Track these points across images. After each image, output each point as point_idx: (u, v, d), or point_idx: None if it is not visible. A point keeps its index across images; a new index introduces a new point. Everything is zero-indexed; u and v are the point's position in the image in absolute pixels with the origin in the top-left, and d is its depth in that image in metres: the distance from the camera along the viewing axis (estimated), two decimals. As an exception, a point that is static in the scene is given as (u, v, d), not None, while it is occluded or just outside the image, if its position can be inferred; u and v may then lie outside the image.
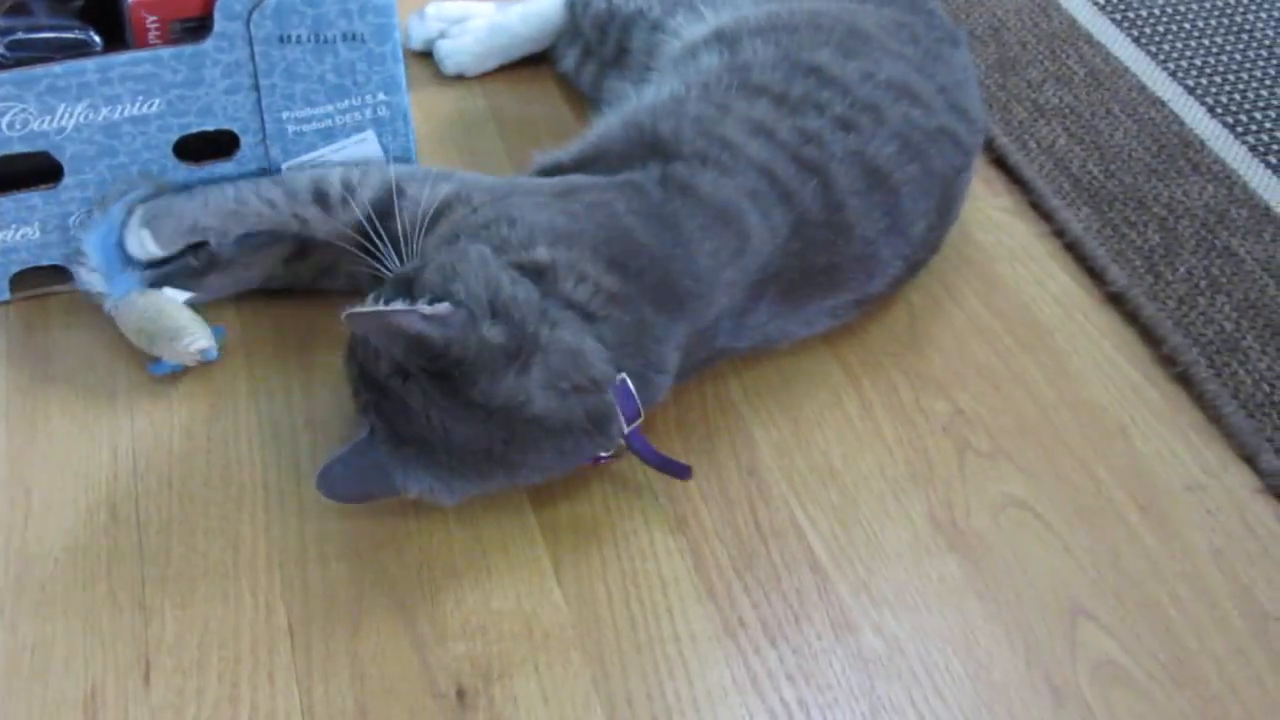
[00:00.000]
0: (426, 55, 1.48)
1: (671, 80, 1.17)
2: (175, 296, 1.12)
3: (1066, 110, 1.46)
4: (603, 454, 1.02)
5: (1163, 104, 1.48)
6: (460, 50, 1.45)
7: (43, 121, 1.09)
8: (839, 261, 1.11)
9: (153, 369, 1.11)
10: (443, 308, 0.91)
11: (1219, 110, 1.47)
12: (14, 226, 1.14)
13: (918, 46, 1.21)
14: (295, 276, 1.17)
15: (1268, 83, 1.51)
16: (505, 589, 0.99)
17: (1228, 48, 1.56)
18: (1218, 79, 1.52)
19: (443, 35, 1.46)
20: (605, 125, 1.16)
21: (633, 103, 1.17)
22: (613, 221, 1.02)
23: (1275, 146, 1.42)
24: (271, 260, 1.17)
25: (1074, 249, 1.30)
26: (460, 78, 1.46)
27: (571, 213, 1.02)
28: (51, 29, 1.11)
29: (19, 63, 1.08)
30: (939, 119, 1.16)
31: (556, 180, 1.09)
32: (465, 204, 1.06)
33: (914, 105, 1.15)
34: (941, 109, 1.17)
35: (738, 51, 1.16)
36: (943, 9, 1.31)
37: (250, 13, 1.09)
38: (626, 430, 1.00)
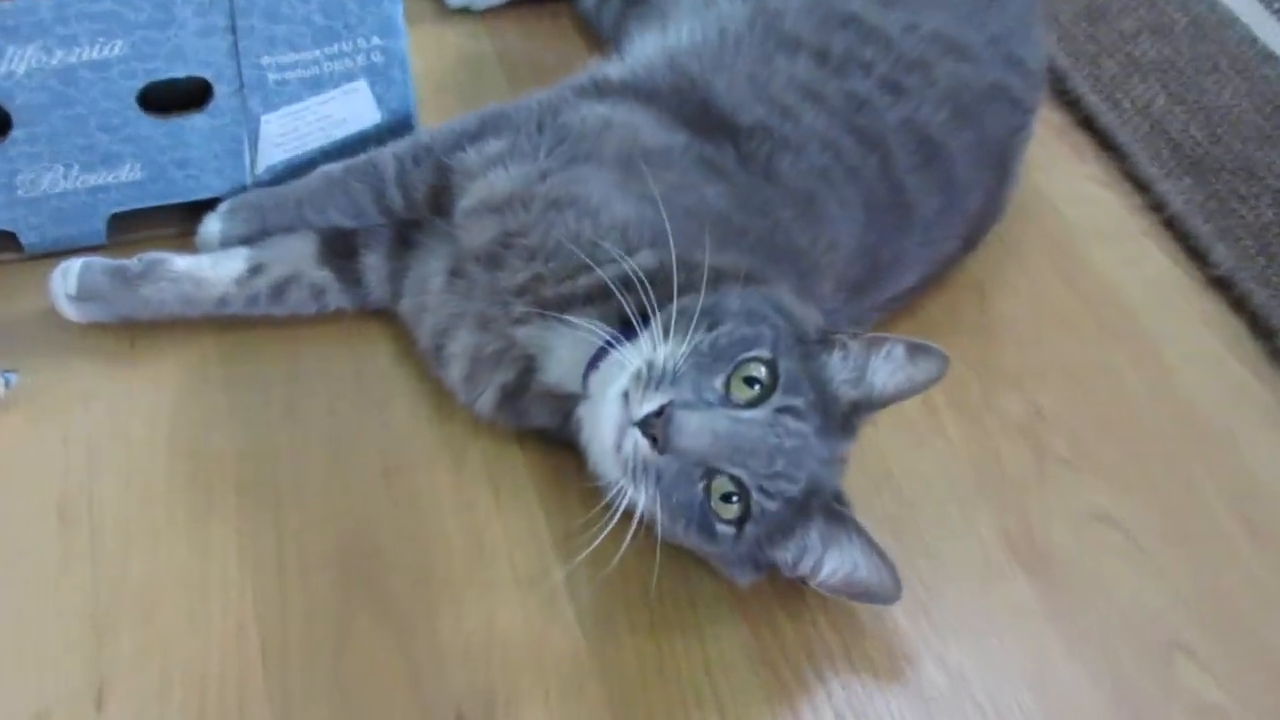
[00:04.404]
0: (429, -13, 1.50)
1: (696, 22, 1.19)
2: None
3: (1165, 65, 1.46)
4: None
5: (1277, 59, 1.47)
6: (467, -21, 1.47)
7: (-12, 66, 1.10)
8: (902, 252, 1.14)
9: None
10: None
11: (1344, 67, 1.47)
12: (-47, 185, 1.15)
13: None
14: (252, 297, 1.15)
15: (1401, 34, 1.51)
16: (512, 606, 0.99)
17: (1355, -6, 1.56)
18: (1343, 30, 1.52)
19: (449, -38, 1.48)
20: (646, 56, 1.19)
21: (670, 38, 1.19)
22: (704, 207, 1.05)
23: None
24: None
25: (1173, 225, 1.31)
26: (465, 13, 1.48)
27: (657, 198, 1.02)
28: (-1, -41, 1.11)
29: (-39, -2, 1.09)
30: (991, 74, 1.19)
31: (619, 131, 1.09)
32: (525, 158, 1.07)
33: (963, 60, 1.17)
34: (994, 62, 1.19)
35: None
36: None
37: (227, -58, 1.10)
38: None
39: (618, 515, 0.94)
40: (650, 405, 0.91)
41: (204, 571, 1.00)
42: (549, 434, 1.07)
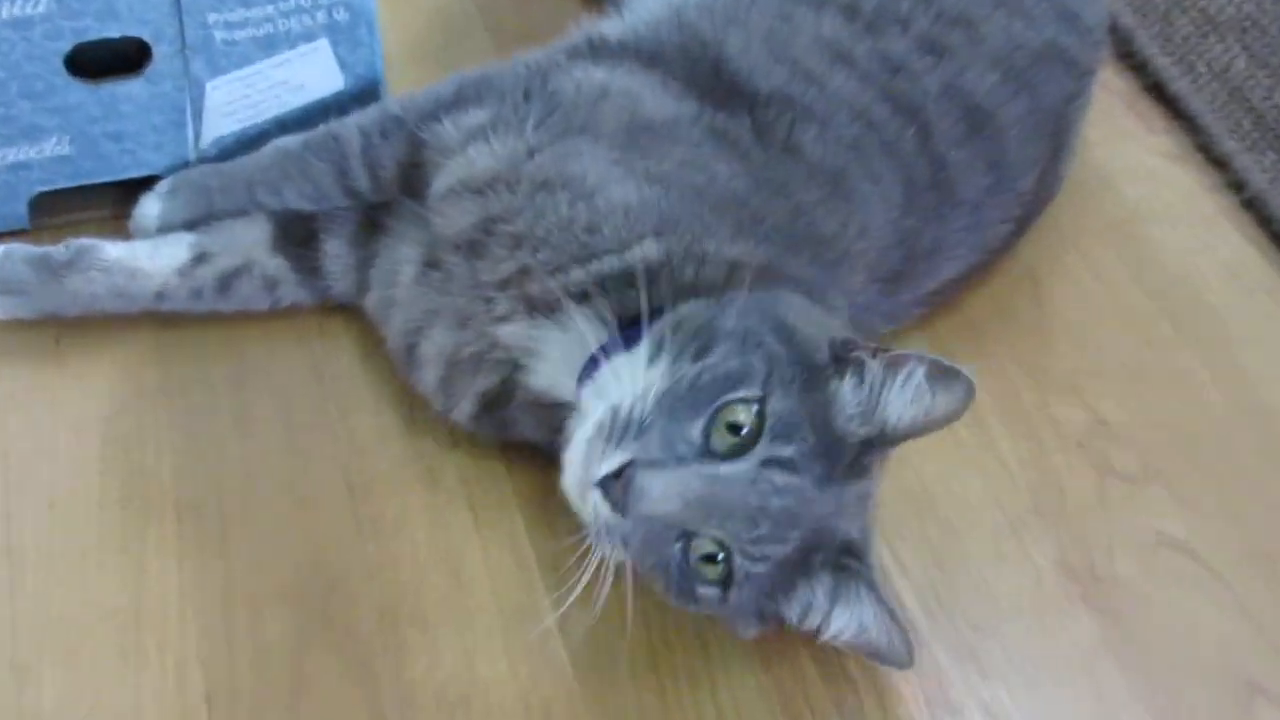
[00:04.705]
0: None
1: None
2: None
3: (1246, 23, 1.45)
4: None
5: (1372, 17, 1.46)
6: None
7: (-106, 24, 1.08)
8: (944, 237, 1.12)
9: None
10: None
11: None
12: None
13: None
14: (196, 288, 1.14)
15: None
16: (494, 646, 0.98)
17: None
18: None
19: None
20: (649, 12, 1.17)
21: None
22: (715, 187, 1.03)
23: None
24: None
25: (1254, 206, 1.29)
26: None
27: (662, 178, 1.02)
28: (-96, -99, 1.10)
29: None
30: (1045, 32, 1.17)
31: (618, 100, 1.08)
32: (511, 131, 1.06)
33: (1013, 16, 1.16)
34: (1048, 18, 1.18)
35: None
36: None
37: (167, -119, 1.09)
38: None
39: (595, 563, 0.91)
40: (608, 465, 0.88)
41: (139, 605, 0.98)
42: (536, 447, 1.04)
